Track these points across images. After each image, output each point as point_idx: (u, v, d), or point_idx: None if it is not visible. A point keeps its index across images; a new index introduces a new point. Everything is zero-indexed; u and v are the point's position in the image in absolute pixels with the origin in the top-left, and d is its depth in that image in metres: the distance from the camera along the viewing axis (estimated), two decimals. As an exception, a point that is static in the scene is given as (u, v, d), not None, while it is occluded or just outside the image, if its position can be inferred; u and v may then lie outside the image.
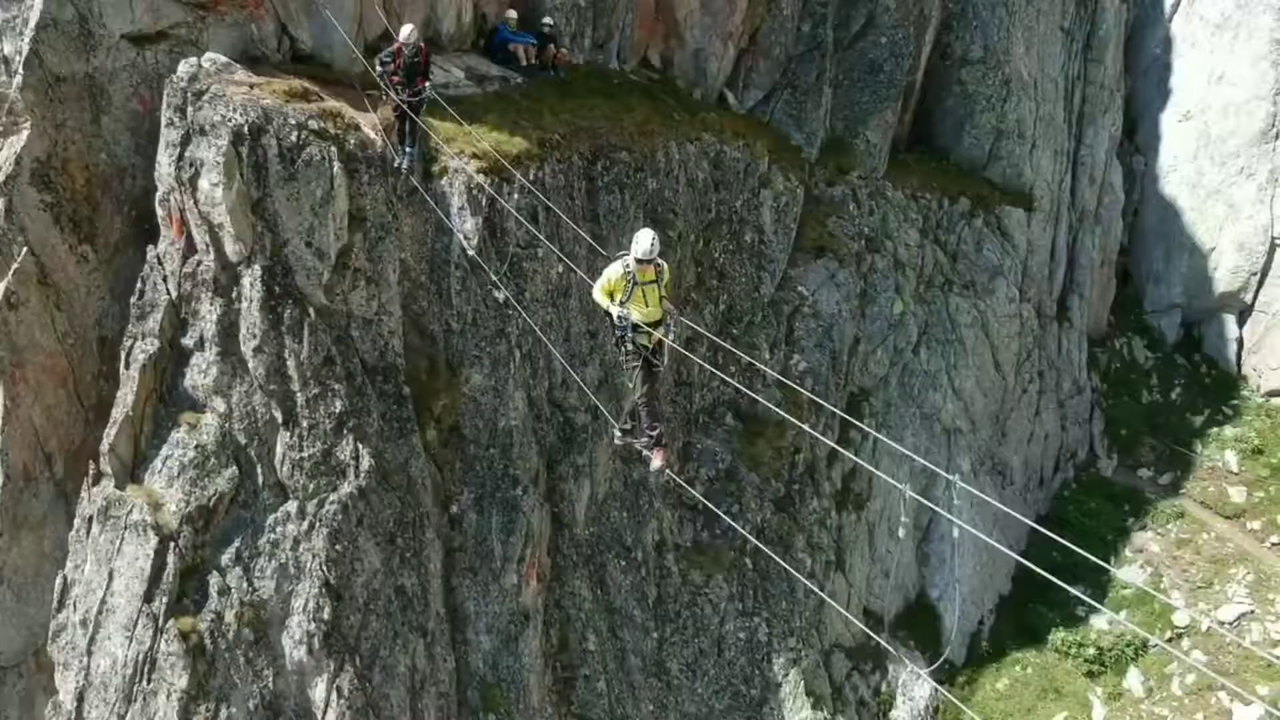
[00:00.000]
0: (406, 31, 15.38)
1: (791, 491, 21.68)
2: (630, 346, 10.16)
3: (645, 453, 10.95)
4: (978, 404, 25.48)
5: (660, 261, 10.02)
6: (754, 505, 20.88)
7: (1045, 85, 27.59)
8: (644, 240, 9.85)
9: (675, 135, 20.78)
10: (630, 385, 10.62)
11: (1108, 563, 25.91)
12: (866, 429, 22.13)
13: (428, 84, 15.46)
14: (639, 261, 9.87)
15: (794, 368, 22.41)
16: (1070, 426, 28.78)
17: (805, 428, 14.24)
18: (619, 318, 10.00)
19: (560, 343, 17.88)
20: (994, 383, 25.95)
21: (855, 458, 17.28)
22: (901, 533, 22.46)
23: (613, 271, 10.13)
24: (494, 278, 16.31)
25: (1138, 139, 33.39)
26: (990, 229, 26.48)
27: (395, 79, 15.15)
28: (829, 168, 24.47)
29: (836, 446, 19.06)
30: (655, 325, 10.26)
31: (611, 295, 10.14)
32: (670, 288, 10.43)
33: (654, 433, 10.70)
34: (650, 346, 10.24)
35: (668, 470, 11.20)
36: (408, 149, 15.47)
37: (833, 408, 20.21)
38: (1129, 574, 25.96)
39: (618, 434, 11.43)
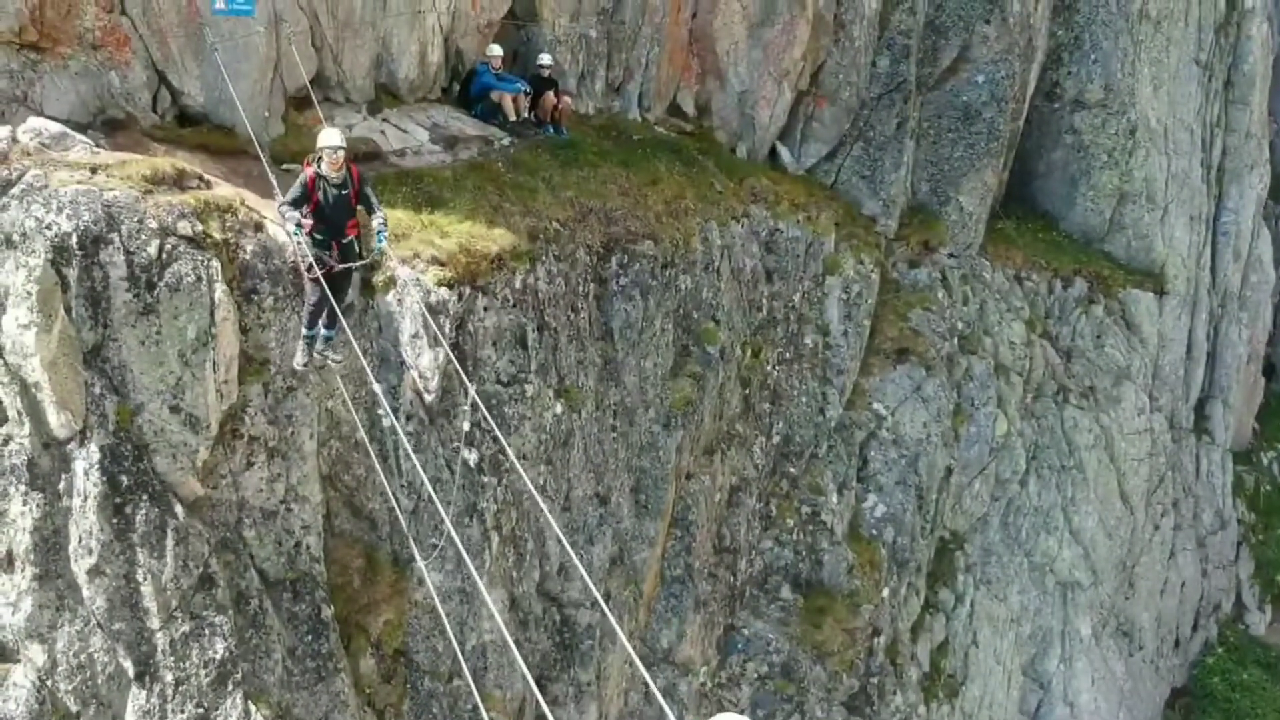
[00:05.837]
0: (327, 139, 10.41)
1: (868, 686, 17.50)
2: None
3: None
4: (1100, 548, 21.26)
5: None
6: (819, 711, 16.65)
7: (1178, 134, 23.47)
8: None
9: (716, 213, 16.70)
10: None
11: (1272, 757, 21.65)
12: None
13: (377, 218, 10.70)
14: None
15: (868, 513, 18.23)
16: (1212, 571, 24.54)
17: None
18: None
19: (558, 513, 13.76)
20: (1120, 519, 21.74)
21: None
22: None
23: None
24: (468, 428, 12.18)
25: (1286, 200, 29.21)
26: (1113, 319, 22.35)
27: (309, 227, 10.41)
28: (911, 244, 20.65)
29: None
30: None
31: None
32: None
33: None
34: None
35: None
36: (321, 330, 10.81)
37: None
38: (1300, 774, 21.65)
39: None
